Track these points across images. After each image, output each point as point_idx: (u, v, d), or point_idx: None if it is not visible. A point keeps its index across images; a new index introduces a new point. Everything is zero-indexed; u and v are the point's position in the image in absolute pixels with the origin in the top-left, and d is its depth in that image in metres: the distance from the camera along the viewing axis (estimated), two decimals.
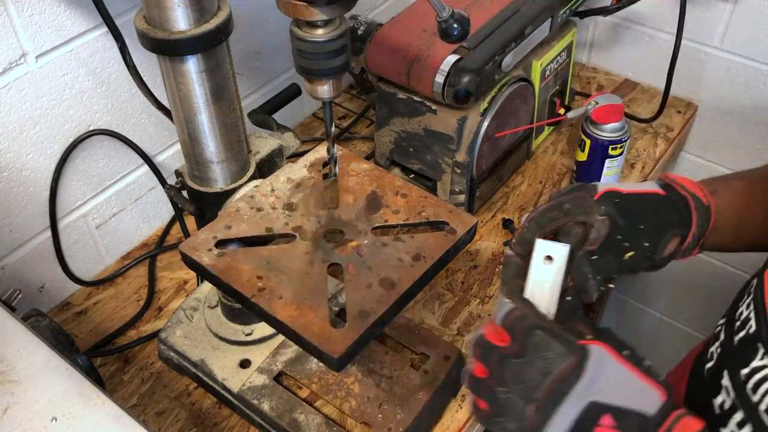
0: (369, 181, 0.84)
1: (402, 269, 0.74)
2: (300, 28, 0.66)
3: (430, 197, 0.82)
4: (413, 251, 0.76)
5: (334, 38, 0.66)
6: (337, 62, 0.68)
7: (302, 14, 0.63)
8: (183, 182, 0.89)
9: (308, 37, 0.66)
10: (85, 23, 0.94)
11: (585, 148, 1.13)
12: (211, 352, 0.91)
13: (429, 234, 0.78)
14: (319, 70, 0.68)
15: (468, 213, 0.82)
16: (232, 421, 0.93)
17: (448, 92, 1.00)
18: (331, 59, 0.67)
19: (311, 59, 0.67)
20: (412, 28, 1.07)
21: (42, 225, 1.01)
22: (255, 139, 0.96)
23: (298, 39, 0.66)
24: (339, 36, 0.66)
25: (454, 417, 0.91)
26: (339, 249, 0.76)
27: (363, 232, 0.78)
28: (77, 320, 1.05)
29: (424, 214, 0.80)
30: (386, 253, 0.76)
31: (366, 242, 0.77)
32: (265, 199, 0.82)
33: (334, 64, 0.68)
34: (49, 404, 0.60)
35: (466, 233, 0.78)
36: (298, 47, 0.67)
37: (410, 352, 0.92)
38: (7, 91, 0.89)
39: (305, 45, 0.66)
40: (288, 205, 0.81)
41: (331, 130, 0.76)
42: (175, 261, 1.13)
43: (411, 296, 0.74)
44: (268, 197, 0.83)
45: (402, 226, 0.80)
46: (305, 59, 0.67)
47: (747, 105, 1.35)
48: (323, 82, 0.69)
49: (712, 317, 1.75)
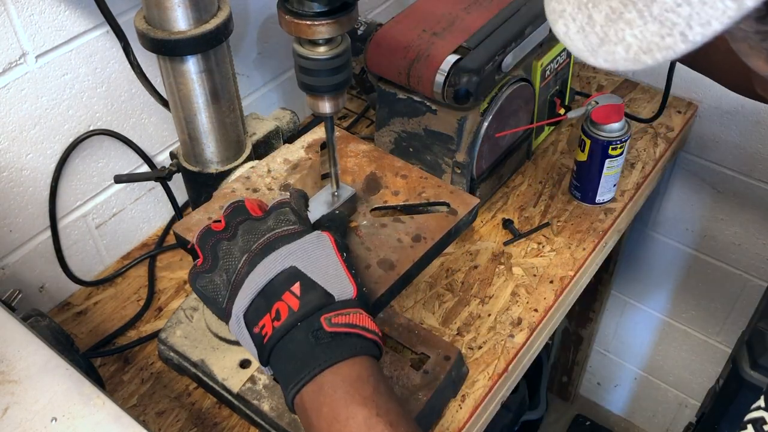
0: (368, 162, 0.84)
1: (402, 250, 0.73)
2: (302, 46, 0.67)
3: (431, 178, 0.81)
4: (413, 232, 0.75)
5: (335, 56, 0.67)
6: (339, 79, 0.69)
7: (304, 33, 0.64)
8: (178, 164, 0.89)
9: (310, 55, 0.67)
10: (85, 23, 0.94)
11: (585, 148, 1.13)
12: (211, 352, 0.91)
13: (429, 215, 0.78)
14: (321, 87, 0.69)
15: (469, 194, 0.81)
16: (232, 421, 0.93)
17: (448, 92, 1.00)
18: (332, 76, 0.68)
19: (313, 76, 0.68)
20: (412, 28, 1.07)
21: (42, 225, 1.01)
22: (251, 121, 0.95)
23: (300, 56, 0.67)
24: (340, 53, 0.67)
25: (454, 417, 0.91)
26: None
27: (362, 213, 0.78)
28: (77, 320, 1.05)
29: (424, 195, 0.79)
30: (385, 234, 0.75)
31: (365, 223, 0.76)
32: (261, 180, 0.82)
33: (335, 81, 0.69)
34: (49, 404, 0.60)
35: (468, 214, 0.77)
36: (300, 64, 0.68)
37: (410, 352, 0.92)
38: (7, 91, 0.89)
39: (307, 62, 0.67)
40: (284, 186, 0.81)
41: (333, 144, 0.76)
42: (175, 261, 1.13)
43: (411, 277, 0.74)
44: (264, 178, 0.82)
45: (402, 207, 0.79)
46: (307, 76, 0.68)
47: (747, 105, 1.35)
48: (325, 98, 0.70)
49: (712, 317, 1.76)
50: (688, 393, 1.91)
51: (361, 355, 0.60)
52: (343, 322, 0.60)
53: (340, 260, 0.63)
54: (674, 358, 1.87)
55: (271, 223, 0.64)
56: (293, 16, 0.64)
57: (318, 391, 0.59)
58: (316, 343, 0.59)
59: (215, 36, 0.77)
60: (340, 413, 0.58)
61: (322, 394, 0.59)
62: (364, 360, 0.60)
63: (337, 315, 0.60)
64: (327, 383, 0.59)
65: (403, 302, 1.05)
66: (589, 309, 1.81)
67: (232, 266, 0.63)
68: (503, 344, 0.99)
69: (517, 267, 1.10)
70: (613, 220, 1.17)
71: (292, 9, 0.64)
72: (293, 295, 0.60)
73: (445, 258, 1.11)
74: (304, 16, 0.63)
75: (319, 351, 0.59)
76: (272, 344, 0.60)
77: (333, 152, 0.76)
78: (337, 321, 0.59)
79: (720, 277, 1.61)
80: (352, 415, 0.57)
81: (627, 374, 2.02)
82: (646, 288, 1.78)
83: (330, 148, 0.76)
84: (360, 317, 0.61)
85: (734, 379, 1.28)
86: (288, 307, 0.60)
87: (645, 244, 1.69)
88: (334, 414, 0.58)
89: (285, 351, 0.60)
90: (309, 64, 0.67)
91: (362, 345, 0.61)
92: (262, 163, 0.84)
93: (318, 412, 0.58)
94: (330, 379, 0.59)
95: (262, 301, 0.61)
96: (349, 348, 0.60)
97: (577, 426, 2.12)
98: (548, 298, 1.06)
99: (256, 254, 0.62)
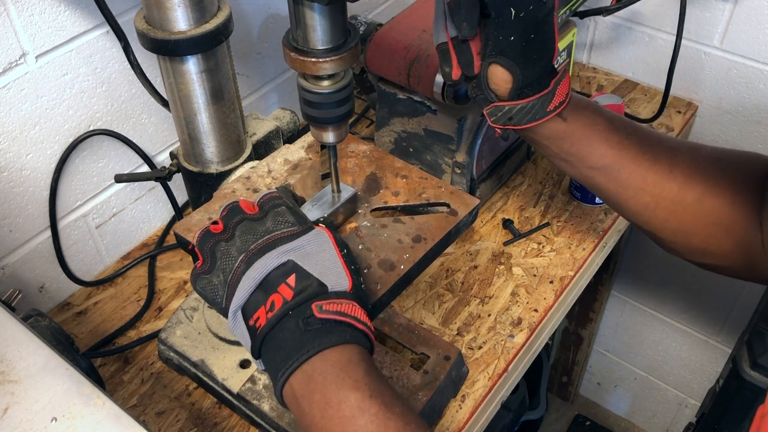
0: (368, 162, 0.84)
1: (402, 251, 0.73)
2: (306, 80, 0.68)
3: (431, 179, 0.81)
4: (414, 233, 0.75)
5: (339, 89, 0.67)
6: (342, 111, 0.69)
7: (309, 69, 0.65)
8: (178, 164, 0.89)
9: (314, 89, 0.67)
10: (85, 23, 0.94)
11: None
12: (211, 352, 0.91)
13: (430, 215, 0.78)
14: (325, 119, 0.70)
15: (470, 194, 0.82)
16: (232, 421, 0.93)
17: (448, 92, 1.00)
18: (336, 108, 0.69)
19: (317, 108, 0.69)
20: (412, 28, 1.07)
21: (42, 225, 1.01)
22: (251, 121, 0.95)
23: (305, 90, 0.68)
24: (343, 87, 0.68)
25: (454, 417, 0.91)
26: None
27: (362, 214, 0.78)
28: (77, 320, 1.05)
29: (424, 195, 0.79)
30: (386, 235, 0.75)
31: (365, 224, 0.76)
32: (262, 180, 0.82)
33: (339, 113, 0.69)
34: (49, 404, 0.60)
35: (468, 214, 0.77)
36: (305, 98, 0.68)
37: (410, 352, 0.92)
38: (7, 91, 0.89)
39: (311, 96, 0.68)
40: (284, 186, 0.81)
41: (336, 169, 0.76)
42: (175, 261, 1.13)
43: (411, 278, 0.74)
44: (264, 178, 0.82)
45: (402, 208, 0.79)
46: (311, 108, 0.69)
47: (747, 105, 1.35)
48: (328, 128, 0.71)
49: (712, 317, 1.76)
50: (688, 393, 1.90)
51: (350, 343, 0.60)
52: (334, 310, 0.59)
53: (339, 255, 0.63)
54: (674, 358, 1.87)
55: (269, 225, 0.64)
56: (298, 53, 0.64)
57: (307, 378, 0.58)
58: (305, 330, 0.59)
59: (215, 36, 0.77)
60: (332, 398, 0.57)
61: (312, 381, 0.58)
62: (353, 347, 0.60)
63: (329, 303, 0.60)
64: (316, 370, 0.58)
65: (403, 302, 1.05)
66: (589, 309, 1.81)
67: (228, 266, 0.63)
68: (503, 344, 0.99)
69: (517, 267, 1.10)
70: (613, 220, 1.17)
71: (297, 46, 0.65)
72: (288, 286, 0.60)
73: (445, 258, 1.11)
74: (309, 53, 0.64)
75: (308, 337, 0.59)
76: (264, 334, 0.60)
77: (336, 175, 0.76)
78: (328, 308, 0.59)
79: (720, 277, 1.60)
80: (344, 399, 0.57)
81: (627, 374, 2.02)
82: (646, 288, 1.78)
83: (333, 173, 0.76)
84: (352, 308, 0.61)
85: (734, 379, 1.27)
86: (282, 298, 0.60)
87: (645, 244, 1.69)
88: (325, 399, 0.57)
89: (275, 340, 0.60)
90: (313, 98, 0.68)
91: (352, 334, 0.60)
92: (262, 163, 0.84)
93: (309, 399, 0.58)
94: (319, 365, 0.58)
95: (260, 294, 0.61)
96: (338, 335, 0.59)
97: (577, 426, 2.12)
98: (548, 298, 1.06)
99: (253, 254, 0.62)
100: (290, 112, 1.03)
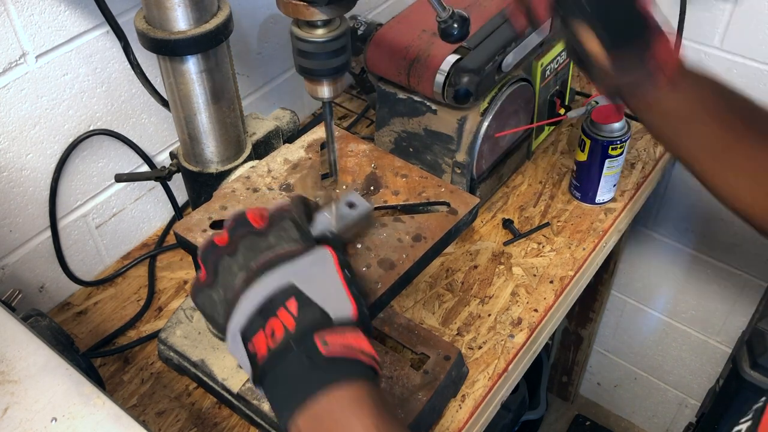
0: (368, 161, 0.84)
1: (402, 250, 0.73)
2: (300, 28, 0.66)
3: (431, 178, 0.81)
4: (413, 232, 0.75)
5: (333, 38, 0.65)
6: (337, 62, 0.67)
7: (302, 14, 0.63)
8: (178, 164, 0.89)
9: (308, 37, 0.65)
10: (85, 23, 0.94)
11: (585, 148, 1.13)
12: (211, 352, 0.91)
13: (429, 215, 0.77)
14: (319, 70, 0.67)
15: (469, 193, 0.81)
16: (232, 421, 0.93)
17: (448, 92, 1.00)
18: (330, 59, 0.67)
19: (311, 59, 0.67)
20: (412, 28, 1.07)
21: (42, 225, 1.01)
22: (251, 121, 0.95)
23: (298, 39, 0.66)
24: (339, 36, 0.66)
25: (454, 417, 0.91)
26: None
27: None
28: (77, 320, 1.05)
29: (424, 194, 0.79)
30: (386, 234, 0.75)
31: None
32: (262, 179, 0.82)
33: (333, 65, 0.67)
34: (49, 404, 0.60)
35: (468, 213, 0.77)
36: (298, 47, 0.66)
37: (410, 352, 0.92)
38: (7, 91, 0.89)
39: (305, 45, 0.66)
40: (285, 186, 0.81)
41: (331, 131, 0.75)
42: (175, 261, 1.13)
43: (411, 277, 0.73)
44: (264, 178, 0.82)
45: (402, 207, 0.79)
46: (305, 59, 0.67)
47: None
48: (323, 82, 0.69)
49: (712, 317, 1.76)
50: (688, 393, 1.90)
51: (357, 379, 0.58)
52: (339, 343, 0.57)
53: (342, 278, 0.60)
54: (674, 358, 1.87)
55: (272, 240, 0.62)
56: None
57: (315, 419, 0.57)
58: (309, 366, 0.57)
59: (215, 36, 0.77)
60: None
61: (317, 420, 0.57)
62: (360, 384, 0.58)
63: (333, 335, 0.58)
64: (324, 410, 0.57)
65: (403, 302, 1.05)
66: (589, 309, 1.80)
67: (229, 283, 0.61)
68: (503, 344, 0.99)
69: (517, 267, 1.10)
70: (613, 220, 1.17)
71: None
72: (288, 312, 0.58)
73: (445, 258, 1.11)
74: None
75: (313, 375, 0.57)
76: (266, 366, 0.58)
77: (332, 142, 0.75)
78: (333, 341, 0.57)
79: (720, 277, 1.61)
80: None
81: (627, 374, 2.02)
82: (646, 288, 1.78)
83: (329, 137, 0.75)
84: (357, 339, 0.59)
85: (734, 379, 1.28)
86: (283, 326, 0.58)
87: (645, 244, 1.69)
88: None
89: (277, 373, 0.58)
90: (307, 47, 0.65)
91: (358, 368, 0.58)
92: (262, 163, 0.84)
93: None
94: (326, 405, 0.56)
95: (259, 317, 0.59)
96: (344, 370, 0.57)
97: (577, 426, 2.12)
98: (548, 298, 1.06)
99: (254, 273, 0.60)
100: (290, 112, 1.03)
